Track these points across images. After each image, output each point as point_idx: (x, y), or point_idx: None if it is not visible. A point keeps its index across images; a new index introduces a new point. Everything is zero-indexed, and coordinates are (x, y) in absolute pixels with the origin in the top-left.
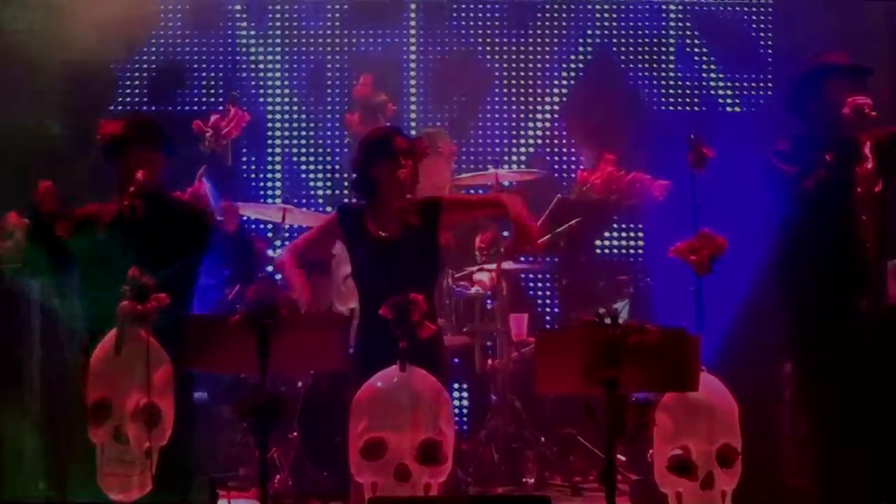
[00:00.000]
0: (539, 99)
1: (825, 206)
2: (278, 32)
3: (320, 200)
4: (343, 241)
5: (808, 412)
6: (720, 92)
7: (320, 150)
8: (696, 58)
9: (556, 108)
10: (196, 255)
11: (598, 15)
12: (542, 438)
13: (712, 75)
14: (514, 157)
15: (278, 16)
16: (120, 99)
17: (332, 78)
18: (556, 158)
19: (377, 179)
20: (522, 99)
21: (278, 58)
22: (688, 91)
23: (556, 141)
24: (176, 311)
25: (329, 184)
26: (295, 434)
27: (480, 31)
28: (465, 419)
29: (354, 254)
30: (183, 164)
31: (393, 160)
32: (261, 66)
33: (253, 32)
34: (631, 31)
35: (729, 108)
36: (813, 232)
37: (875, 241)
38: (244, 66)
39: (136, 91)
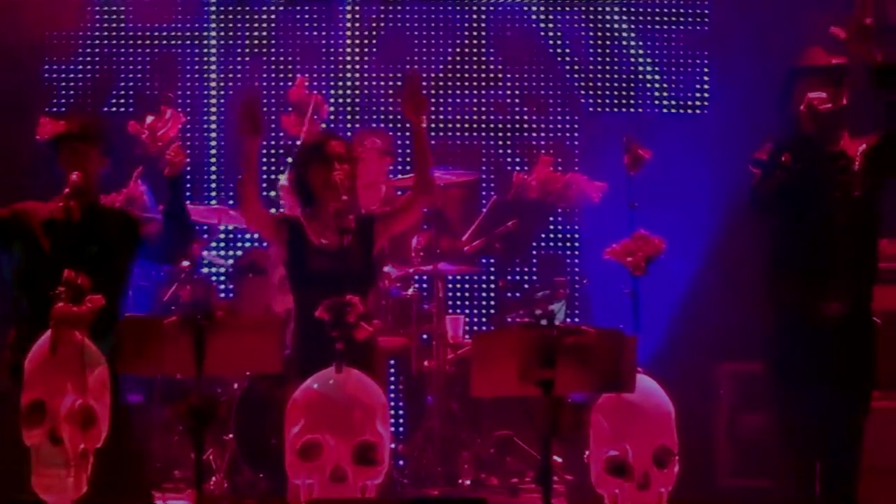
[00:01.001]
0: (475, 100)
1: (788, 209)
2: (213, 34)
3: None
4: (282, 243)
5: (775, 415)
6: (656, 94)
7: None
8: (632, 58)
9: (491, 108)
10: (129, 257)
11: (534, 17)
12: (479, 440)
13: (648, 76)
14: (451, 158)
15: (213, 17)
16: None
17: (268, 79)
18: (493, 160)
19: (313, 184)
20: (458, 100)
21: (213, 59)
22: (624, 92)
23: (492, 142)
24: (110, 312)
25: (265, 185)
26: (231, 436)
27: (416, 33)
28: (400, 421)
29: (292, 259)
30: (118, 166)
31: (327, 165)
32: (196, 66)
33: (188, 33)
34: (568, 30)
35: (665, 110)
36: (782, 235)
37: (851, 246)
38: (179, 67)
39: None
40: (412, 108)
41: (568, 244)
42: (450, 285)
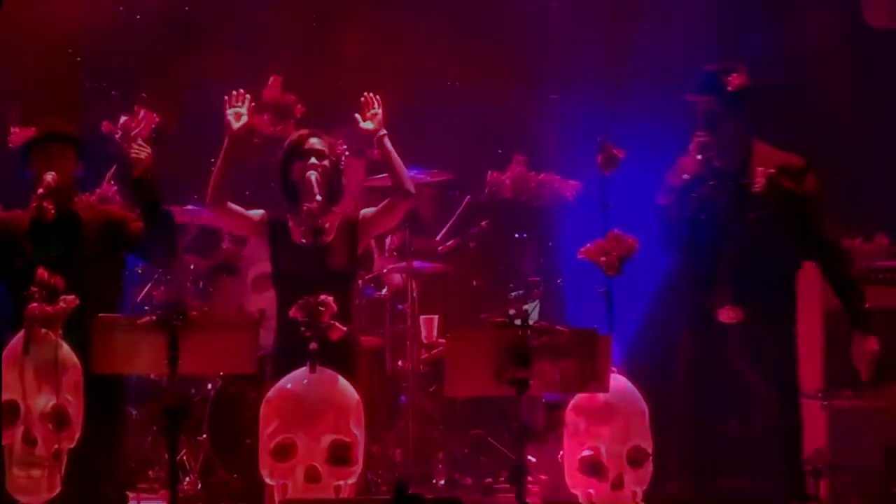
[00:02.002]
0: (450, 99)
1: (692, 220)
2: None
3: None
4: (266, 241)
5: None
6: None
7: None
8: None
9: (467, 108)
10: (113, 256)
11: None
12: (453, 440)
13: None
14: (425, 158)
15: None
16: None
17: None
18: (467, 159)
19: (295, 182)
20: (432, 100)
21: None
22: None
23: (466, 141)
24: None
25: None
26: (204, 436)
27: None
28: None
29: (276, 257)
30: (91, 166)
31: (303, 163)
32: (168, 66)
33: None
34: (543, 29)
35: None
36: (687, 247)
37: (744, 260)
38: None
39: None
40: (368, 121)
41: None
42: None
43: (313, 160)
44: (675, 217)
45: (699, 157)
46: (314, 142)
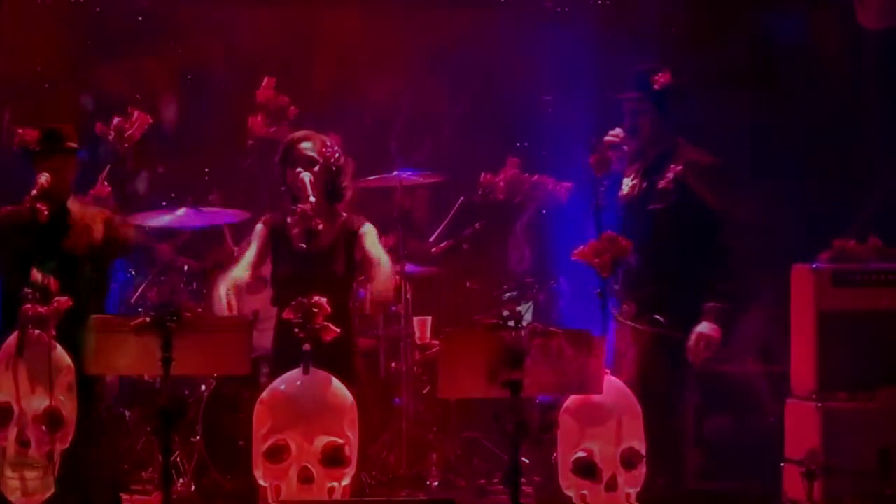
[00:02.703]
0: (443, 101)
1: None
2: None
3: (224, 204)
4: (270, 249)
5: None
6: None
7: (224, 152)
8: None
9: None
10: (106, 260)
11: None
12: (446, 441)
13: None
14: (419, 160)
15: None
16: None
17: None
18: (460, 160)
19: (290, 185)
20: (425, 101)
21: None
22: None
23: (459, 143)
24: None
25: (232, 186)
26: (198, 437)
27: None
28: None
29: (276, 261)
30: (85, 166)
31: (295, 166)
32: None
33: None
34: (533, 32)
35: None
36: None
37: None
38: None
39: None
40: None
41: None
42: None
43: (304, 165)
44: (592, 209)
45: (609, 152)
46: (305, 146)
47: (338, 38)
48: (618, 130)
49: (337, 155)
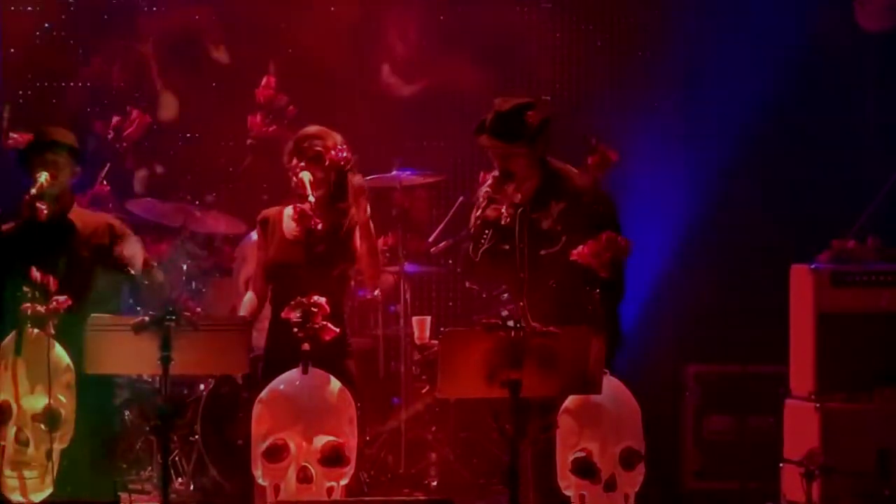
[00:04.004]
0: (443, 100)
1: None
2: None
3: (223, 203)
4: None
5: None
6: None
7: (222, 151)
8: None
9: (460, 109)
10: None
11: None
12: (445, 441)
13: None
14: (417, 159)
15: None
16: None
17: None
18: (459, 160)
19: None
20: (425, 101)
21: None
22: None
23: (458, 143)
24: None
25: (231, 186)
26: (197, 437)
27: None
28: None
29: (267, 251)
30: (85, 166)
31: (301, 160)
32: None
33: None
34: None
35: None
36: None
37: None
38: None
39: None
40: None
41: None
42: (419, 287)
43: (306, 163)
44: (473, 250)
45: (485, 199)
46: (314, 142)
47: (342, 36)
48: (489, 181)
49: (344, 154)
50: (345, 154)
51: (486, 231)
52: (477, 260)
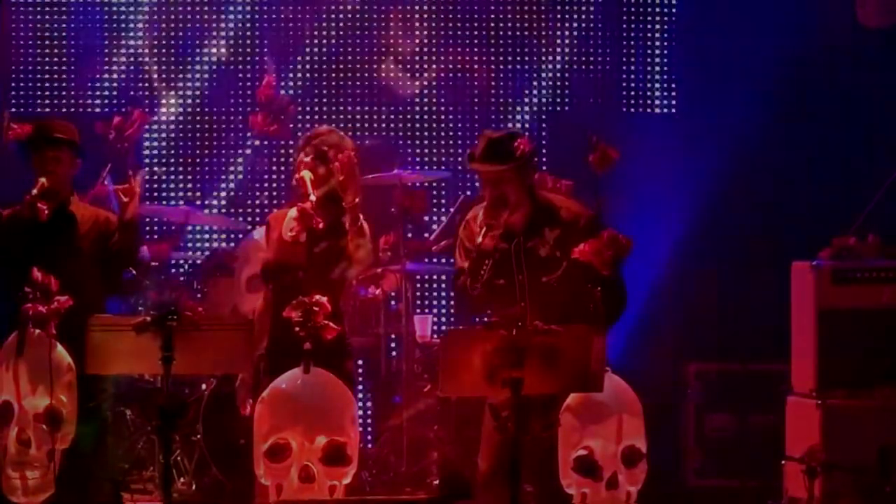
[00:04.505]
0: (444, 97)
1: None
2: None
3: (223, 202)
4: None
5: None
6: (623, 92)
7: (223, 150)
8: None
9: (463, 106)
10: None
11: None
12: (447, 439)
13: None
14: (417, 158)
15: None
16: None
17: (237, 77)
18: (460, 159)
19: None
20: (426, 99)
21: (180, 58)
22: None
23: (459, 141)
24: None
25: (232, 185)
26: (199, 436)
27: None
28: (369, 421)
29: (267, 255)
30: (85, 165)
31: (302, 160)
32: (163, 66)
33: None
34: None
35: (633, 109)
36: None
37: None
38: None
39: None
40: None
41: None
42: (420, 285)
43: (311, 161)
44: (471, 284)
45: (483, 227)
46: (322, 140)
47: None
48: (480, 215)
49: (351, 155)
50: (352, 155)
51: (486, 262)
52: (475, 294)
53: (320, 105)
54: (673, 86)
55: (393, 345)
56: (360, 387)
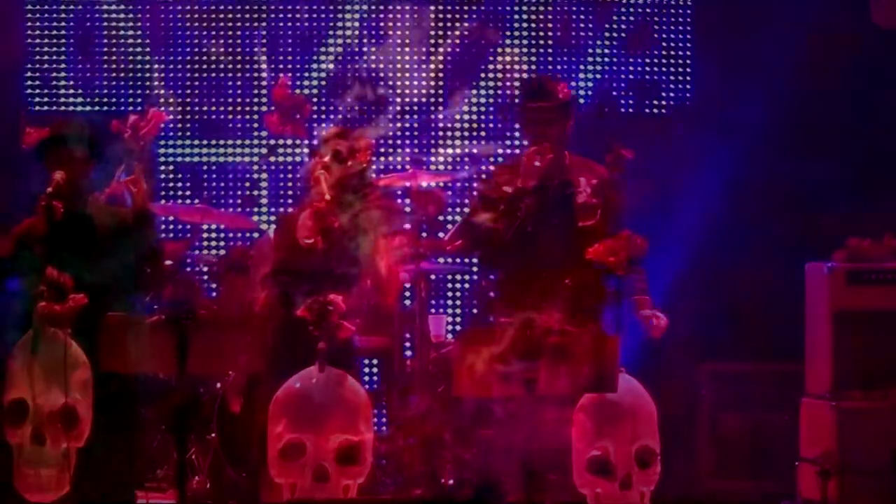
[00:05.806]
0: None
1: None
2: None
3: (239, 201)
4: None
5: None
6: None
7: (238, 150)
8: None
9: (478, 108)
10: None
11: (520, 16)
12: (461, 439)
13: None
14: (433, 158)
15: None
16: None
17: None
18: (476, 158)
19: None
20: (440, 100)
21: (195, 57)
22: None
23: (474, 141)
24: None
25: (247, 184)
26: (213, 435)
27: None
28: (383, 420)
29: (279, 252)
30: (100, 164)
31: (318, 161)
32: (179, 65)
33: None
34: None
35: (647, 109)
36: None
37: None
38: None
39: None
40: None
41: None
42: (434, 285)
43: (326, 161)
44: (503, 231)
45: (537, 164)
46: (334, 143)
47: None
48: (531, 151)
49: (369, 156)
50: (368, 155)
51: (523, 203)
52: (509, 238)
53: (335, 105)
54: (688, 87)
55: (407, 345)
56: (375, 387)
